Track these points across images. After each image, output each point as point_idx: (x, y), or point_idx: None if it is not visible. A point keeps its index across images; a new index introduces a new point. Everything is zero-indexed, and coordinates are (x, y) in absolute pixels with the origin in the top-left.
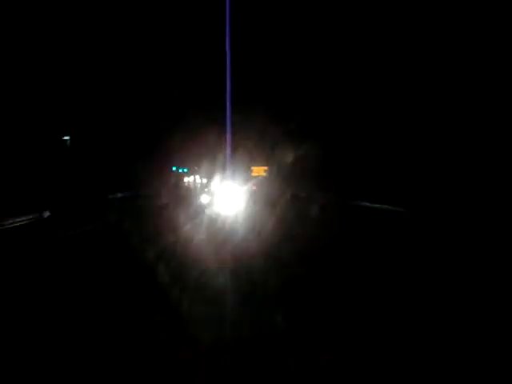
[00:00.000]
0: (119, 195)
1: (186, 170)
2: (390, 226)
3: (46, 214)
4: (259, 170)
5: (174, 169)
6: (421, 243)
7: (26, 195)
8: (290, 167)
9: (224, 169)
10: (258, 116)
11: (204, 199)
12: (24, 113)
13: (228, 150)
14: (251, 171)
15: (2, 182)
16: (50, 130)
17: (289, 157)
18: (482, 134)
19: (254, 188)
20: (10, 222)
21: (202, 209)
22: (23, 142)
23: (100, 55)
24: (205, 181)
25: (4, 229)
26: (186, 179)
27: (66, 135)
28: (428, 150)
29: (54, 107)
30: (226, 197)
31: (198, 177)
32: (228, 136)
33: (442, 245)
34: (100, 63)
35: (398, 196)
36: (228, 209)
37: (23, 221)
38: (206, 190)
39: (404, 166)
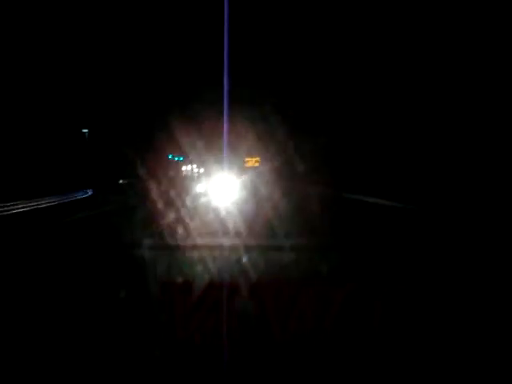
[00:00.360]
0: (126, 181)
1: (181, 159)
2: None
3: (90, 191)
4: (252, 161)
5: (169, 157)
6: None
7: (67, 178)
8: (286, 159)
9: (219, 159)
10: (256, 107)
11: (199, 188)
12: (48, 110)
13: (224, 141)
14: (245, 162)
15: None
16: (70, 124)
17: (284, 148)
18: (482, 129)
19: (246, 178)
20: (75, 195)
21: (197, 197)
22: (51, 134)
23: (106, 55)
24: (201, 170)
25: (75, 199)
26: (183, 168)
27: (84, 128)
28: (426, 145)
29: (71, 104)
30: (220, 186)
31: (194, 166)
32: (225, 126)
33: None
34: (105, 62)
35: (397, 190)
36: (222, 198)
37: (81, 195)
38: (201, 179)
39: (401, 160)
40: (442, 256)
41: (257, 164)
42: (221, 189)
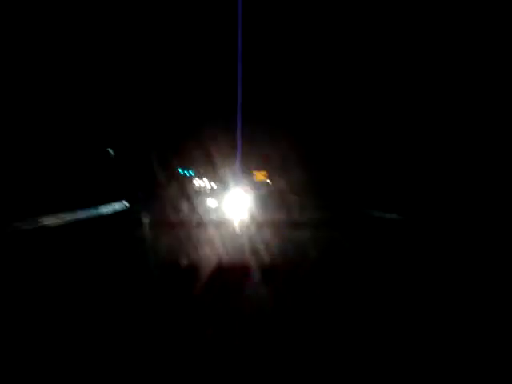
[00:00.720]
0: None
1: (192, 174)
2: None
3: (125, 203)
4: (260, 175)
5: (180, 171)
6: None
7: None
8: (293, 176)
9: (232, 174)
10: (267, 126)
11: (211, 203)
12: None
13: (237, 156)
14: (255, 176)
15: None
16: (95, 143)
17: (292, 165)
18: (472, 137)
19: (257, 192)
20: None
21: (209, 212)
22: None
23: (124, 72)
24: (213, 185)
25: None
26: (196, 182)
27: (108, 147)
28: (420, 153)
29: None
30: (232, 201)
31: (205, 180)
32: (238, 142)
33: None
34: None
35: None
36: (234, 213)
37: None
38: (213, 194)
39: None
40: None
41: (264, 178)
42: (232, 205)
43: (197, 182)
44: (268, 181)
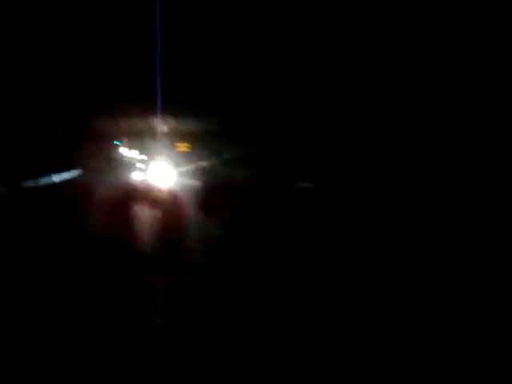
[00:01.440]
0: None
1: (118, 143)
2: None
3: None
4: (183, 147)
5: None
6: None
7: None
8: (215, 145)
9: (156, 146)
10: (188, 96)
11: (137, 175)
12: None
13: (159, 127)
14: (177, 147)
15: None
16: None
17: (214, 135)
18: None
19: (177, 162)
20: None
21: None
22: None
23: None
24: (139, 156)
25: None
26: (120, 151)
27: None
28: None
29: None
30: (157, 173)
31: (130, 150)
32: (158, 111)
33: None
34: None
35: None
36: (160, 183)
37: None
38: (138, 165)
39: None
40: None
41: (188, 150)
42: (157, 175)
43: (124, 151)
44: (191, 152)
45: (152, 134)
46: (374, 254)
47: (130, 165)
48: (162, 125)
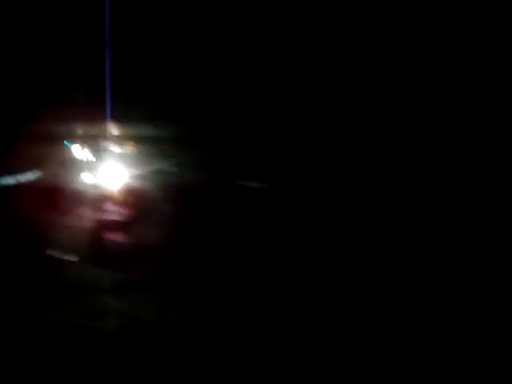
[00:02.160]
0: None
1: (68, 144)
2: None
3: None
4: (129, 146)
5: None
6: None
7: None
8: (166, 147)
9: (105, 146)
10: (141, 100)
11: (87, 178)
12: None
13: (108, 127)
14: (126, 148)
15: None
16: None
17: (165, 137)
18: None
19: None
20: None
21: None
22: None
23: None
24: (90, 157)
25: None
26: (73, 152)
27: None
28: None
29: None
30: (106, 174)
31: (80, 151)
32: (108, 112)
33: None
34: None
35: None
36: (109, 185)
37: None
38: (88, 166)
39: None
40: None
41: (135, 150)
42: (108, 177)
43: (74, 152)
44: (139, 153)
45: (102, 134)
46: (320, 253)
47: (80, 166)
48: (111, 125)
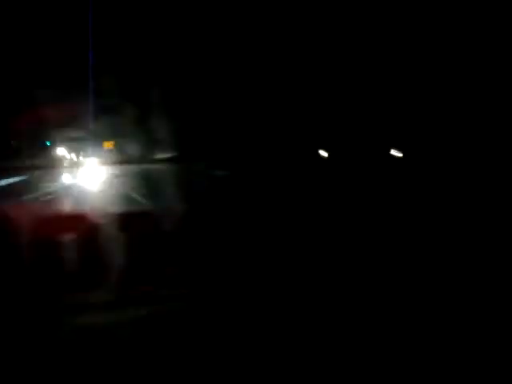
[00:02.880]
0: None
1: (49, 144)
2: None
3: None
4: (109, 144)
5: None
6: None
7: None
8: (140, 141)
9: (86, 145)
10: (121, 99)
11: (67, 179)
12: None
13: (89, 125)
14: (103, 145)
15: None
16: None
17: (138, 132)
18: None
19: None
20: None
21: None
22: None
23: None
24: (72, 156)
25: None
26: (57, 152)
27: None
28: None
29: None
30: (87, 174)
31: (62, 150)
32: (90, 109)
33: None
34: None
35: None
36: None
37: None
38: (69, 165)
39: None
40: None
41: (113, 147)
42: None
43: (56, 152)
44: (116, 150)
45: (82, 133)
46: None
47: (63, 165)
48: (91, 124)
